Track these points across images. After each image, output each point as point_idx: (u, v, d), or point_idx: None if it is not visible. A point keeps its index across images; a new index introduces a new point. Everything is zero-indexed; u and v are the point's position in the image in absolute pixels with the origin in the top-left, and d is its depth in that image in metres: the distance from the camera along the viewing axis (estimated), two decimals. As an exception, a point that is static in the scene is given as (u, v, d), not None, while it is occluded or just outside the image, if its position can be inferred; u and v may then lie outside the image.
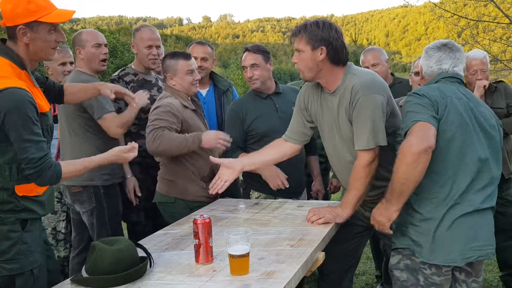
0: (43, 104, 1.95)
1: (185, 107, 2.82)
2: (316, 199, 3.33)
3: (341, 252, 2.53)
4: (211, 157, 2.54)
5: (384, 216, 2.05)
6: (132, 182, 3.11)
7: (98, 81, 2.99)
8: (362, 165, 2.22)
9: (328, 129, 2.42)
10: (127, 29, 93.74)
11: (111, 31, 36.98)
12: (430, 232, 1.97)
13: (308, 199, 3.36)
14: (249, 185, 3.11)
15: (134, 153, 2.18)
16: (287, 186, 2.83)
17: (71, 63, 3.46)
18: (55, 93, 2.36)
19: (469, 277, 2.10)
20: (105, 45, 3.11)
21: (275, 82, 3.13)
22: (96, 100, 2.75)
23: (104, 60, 3.09)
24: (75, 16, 2.51)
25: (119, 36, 36.56)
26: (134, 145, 2.19)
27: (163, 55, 3.07)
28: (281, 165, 2.72)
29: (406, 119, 1.99)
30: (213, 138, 2.70)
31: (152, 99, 3.19)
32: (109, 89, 2.48)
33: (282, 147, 2.56)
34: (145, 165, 3.16)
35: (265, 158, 2.57)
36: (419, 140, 1.87)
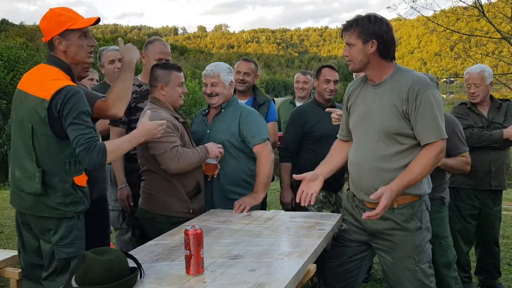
0: None
1: (176, 118, 2.78)
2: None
3: (343, 271, 2.53)
4: (294, 175, 2.54)
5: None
6: (125, 192, 3.08)
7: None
8: (434, 153, 2.24)
9: (360, 119, 2.44)
10: (122, 38, 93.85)
11: (105, 40, 36.91)
12: None
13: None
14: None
15: (163, 128, 2.43)
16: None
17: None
18: None
19: None
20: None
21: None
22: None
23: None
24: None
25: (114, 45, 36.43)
26: (162, 122, 2.43)
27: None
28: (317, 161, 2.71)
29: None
30: (214, 147, 2.81)
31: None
32: None
33: (345, 147, 2.62)
34: None
35: (338, 162, 2.64)
36: None
